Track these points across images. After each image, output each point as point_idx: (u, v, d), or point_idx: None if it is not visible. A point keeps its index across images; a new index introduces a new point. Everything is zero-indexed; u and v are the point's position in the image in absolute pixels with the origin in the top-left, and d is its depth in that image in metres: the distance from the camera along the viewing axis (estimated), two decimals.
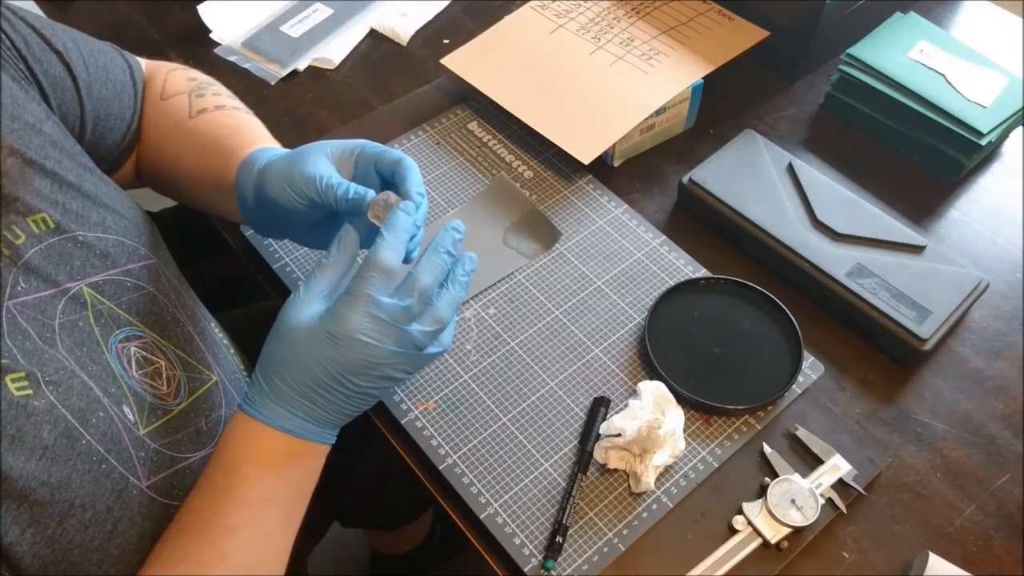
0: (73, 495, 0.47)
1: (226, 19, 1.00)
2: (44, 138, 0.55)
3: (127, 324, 0.57)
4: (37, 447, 0.46)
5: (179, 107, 0.68)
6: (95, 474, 0.49)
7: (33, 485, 0.45)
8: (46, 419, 0.47)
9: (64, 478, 0.47)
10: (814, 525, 0.61)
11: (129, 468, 0.52)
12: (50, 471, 0.46)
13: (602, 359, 0.72)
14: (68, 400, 0.49)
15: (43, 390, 0.48)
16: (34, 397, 0.47)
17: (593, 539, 0.62)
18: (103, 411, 0.51)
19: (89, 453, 0.49)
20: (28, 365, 0.48)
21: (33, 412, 0.47)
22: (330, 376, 0.51)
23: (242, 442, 0.52)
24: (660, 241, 0.79)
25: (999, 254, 0.79)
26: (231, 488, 0.51)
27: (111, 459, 0.50)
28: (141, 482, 0.52)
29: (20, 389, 0.47)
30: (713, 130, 0.90)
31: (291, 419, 0.52)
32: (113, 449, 0.51)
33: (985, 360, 0.72)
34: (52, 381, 0.49)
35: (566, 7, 0.95)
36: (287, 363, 0.51)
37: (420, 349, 0.53)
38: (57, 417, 0.48)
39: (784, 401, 0.69)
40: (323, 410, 0.52)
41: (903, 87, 0.83)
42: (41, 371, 0.48)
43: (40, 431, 0.47)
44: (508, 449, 0.66)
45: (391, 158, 0.59)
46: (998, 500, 0.64)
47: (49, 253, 0.52)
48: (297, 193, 0.57)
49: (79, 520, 0.47)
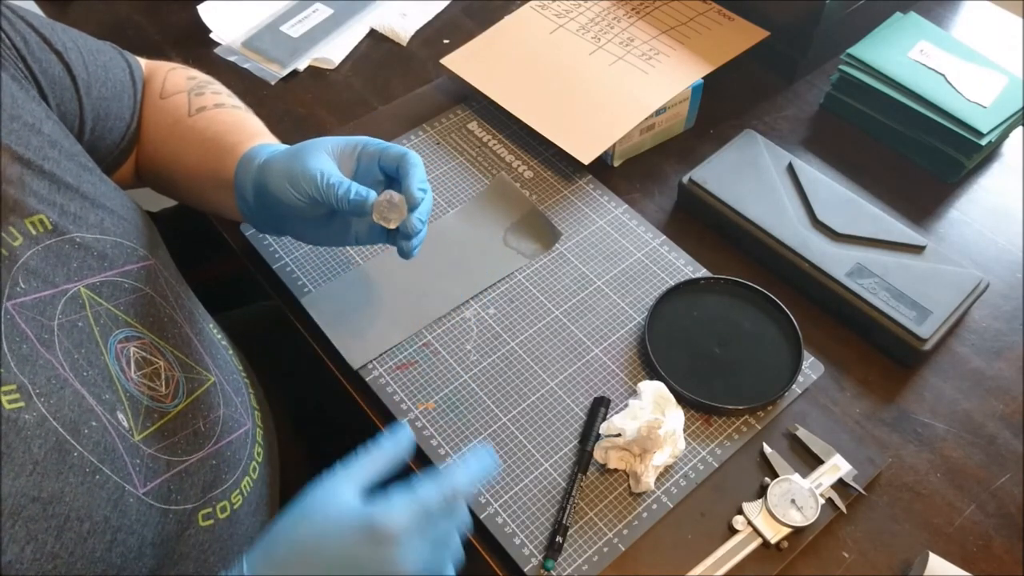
0: (68, 508, 0.46)
1: (226, 19, 1.00)
2: (43, 138, 0.55)
3: (125, 325, 0.56)
4: (27, 463, 0.45)
5: (178, 106, 0.68)
6: (89, 485, 0.48)
7: (23, 502, 0.44)
8: (37, 433, 0.46)
9: (56, 492, 0.46)
10: (814, 525, 0.61)
11: (124, 476, 0.51)
12: (41, 486, 0.45)
13: (602, 359, 0.72)
14: (59, 412, 0.48)
15: (34, 402, 0.47)
16: (25, 410, 0.46)
17: (593, 539, 0.62)
18: (95, 420, 0.50)
19: (81, 465, 0.48)
20: (20, 375, 0.47)
21: (24, 427, 0.46)
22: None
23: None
24: (660, 241, 0.79)
25: (999, 254, 0.79)
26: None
27: (105, 469, 0.49)
28: (137, 489, 0.52)
29: (12, 402, 0.46)
30: (713, 130, 0.90)
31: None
32: (107, 459, 0.50)
33: (985, 360, 0.72)
34: (43, 393, 0.48)
35: (566, 7, 0.95)
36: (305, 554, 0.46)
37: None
38: (48, 431, 0.47)
39: (784, 401, 0.69)
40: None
41: (903, 87, 0.83)
42: (32, 382, 0.48)
43: (30, 446, 0.46)
44: (508, 449, 0.66)
45: (395, 153, 0.59)
46: (998, 500, 0.64)
47: (47, 255, 0.52)
48: (297, 190, 0.57)
49: (77, 533, 0.47)
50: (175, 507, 0.54)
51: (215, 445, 0.60)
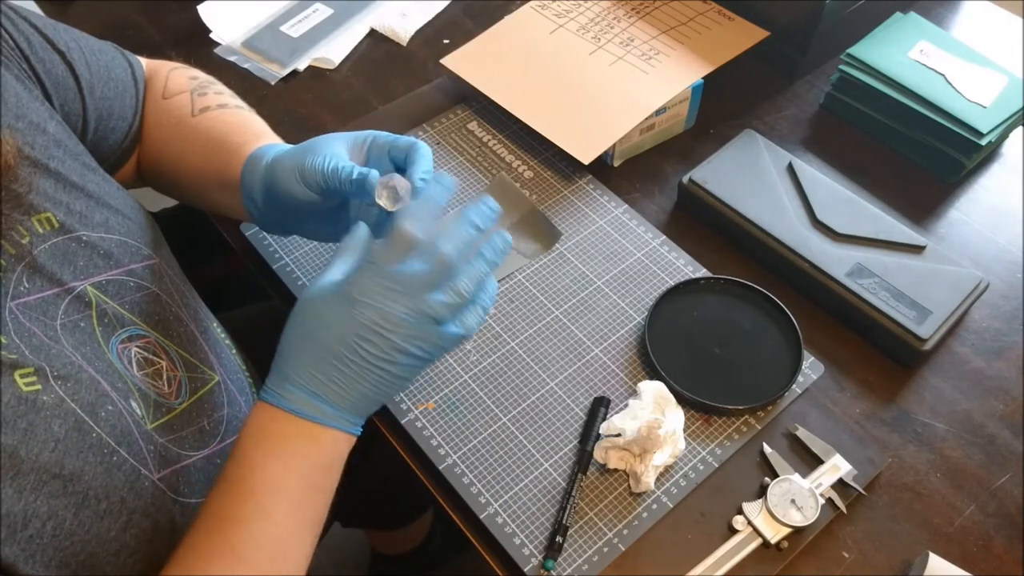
0: (86, 486, 0.47)
1: (226, 19, 1.00)
2: (48, 138, 0.55)
3: (130, 324, 0.57)
4: (49, 440, 0.46)
5: (181, 106, 0.68)
6: (107, 466, 0.49)
7: (46, 478, 0.46)
8: (56, 413, 0.47)
9: (77, 470, 0.47)
10: (814, 525, 0.61)
11: (140, 460, 0.52)
12: (63, 463, 0.47)
13: (602, 359, 0.72)
14: (77, 394, 0.49)
15: (52, 384, 0.48)
16: (43, 392, 0.47)
17: (593, 539, 0.62)
18: (111, 404, 0.51)
19: (100, 445, 0.49)
20: (36, 360, 0.48)
21: (43, 407, 0.47)
22: (342, 342, 0.49)
23: (253, 429, 0.51)
24: (660, 241, 0.79)
25: (999, 254, 0.79)
26: (240, 478, 0.50)
27: (122, 451, 0.51)
28: (152, 474, 0.53)
29: (29, 384, 0.47)
30: (713, 130, 0.90)
31: (304, 400, 0.50)
32: (124, 441, 0.51)
33: (985, 360, 0.72)
34: (60, 376, 0.49)
35: (566, 7, 0.95)
36: (302, 335, 0.50)
37: (438, 323, 0.51)
38: (67, 411, 0.48)
39: (784, 401, 0.69)
40: (338, 387, 0.50)
41: (903, 87, 0.83)
42: (49, 365, 0.49)
43: (51, 425, 0.47)
44: (508, 449, 0.66)
45: (404, 143, 0.58)
46: (998, 500, 0.64)
47: (53, 252, 0.52)
48: (308, 182, 0.57)
49: (94, 511, 0.48)
50: (182, 499, 0.55)
51: (219, 444, 0.61)
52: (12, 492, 0.44)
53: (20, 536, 0.44)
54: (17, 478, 0.44)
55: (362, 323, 0.49)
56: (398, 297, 0.49)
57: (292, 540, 0.50)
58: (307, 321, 0.51)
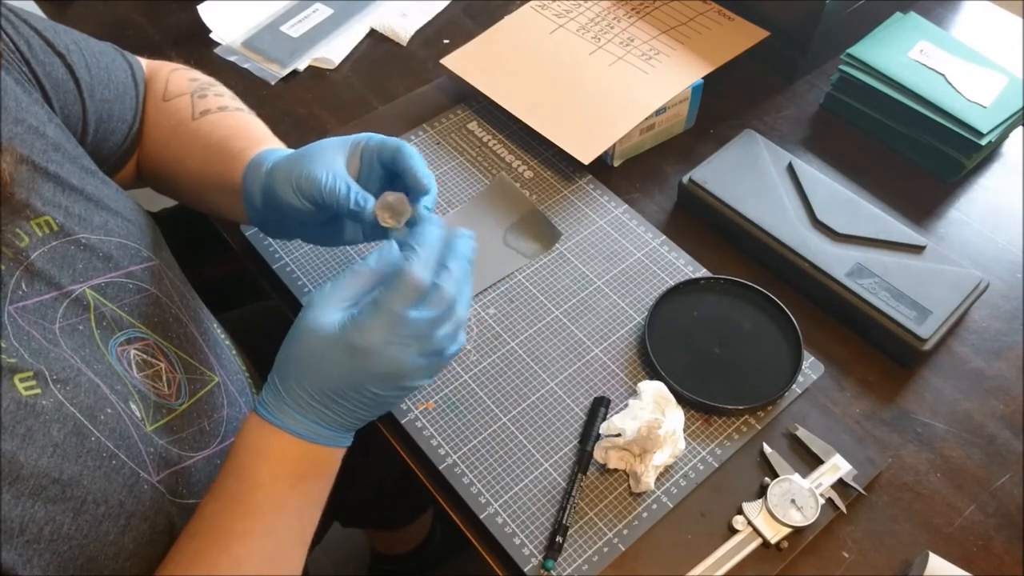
0: (85, 491, 0.48)
1: (226, 19, 1.00)
2: (47, 141, 0.55)
3: (129, 326, 0.57)
4: (48, 445, 0.46)
5: (182, 108, 0.68)
6: (106, 470, 0.49)
7: (44, 483, 0.46)
8: (55, 418, 0.47)
9: (75, 475, 0.47)
10: (814, 525, 0.61)
11: (139, 463, 0.52)
12: (61, 468, 0.47)
13: (602, 359, 0.72)
14: (76, 398, 0.49)
15: (51, 388, 0.48)
16: (42, 396, 0.47)
17: (593, 539, 0.62)
18: (111, 408, 0.51)
19: (99, 449, 0.49)
20: (36, 363, 0.48)
21: (42, 411, 0.47)
22: (349, 385, 0.50)
23: (255, 447, 0.51)
24: (660, 241, 0.79)
25: (999, 254, 0.79)
26: (244, 492, 0.51)
27: (121, 455, 0.51)
28: (152, 477, 0.53)
29: (28, 388, 0.47)
30: (713, 130, 0.90)
31: (305, 424, 0.51)
32: (123, 445, 0.51)
33: (985, 360, 0.72)
34: (60, 379, 0.49)
35: (566, 7, 0.95)
36: (304, 369, 0.50)
37: (441, 354, 0.52)
38: (66, 415, 0.48)
39: (784, 401, 0.69)
40: (338, 415, 0.51)
41: (903, 87, 0.83)
42: (48, 369, 0.49)
43: (50, 429, 0.47)
44: (508, 449, 0.66)
45: (391, 147, 0.59)
46: (998, 500, 0.64)
47: (52, 256, 0.52)
48: (303, 196, 0.57)
49: (92, 515, 0.48)
50: (181, 500, 0.55)
51: (220, 445, 0.61)
52: (10, 498, 0.44)
53: (17, 541, 0.44)
54: (16, 484, 0.44)
55: (374, 373, 0.50)
56: (411, 342, 0.50)
57: (293, 552, 0.53)
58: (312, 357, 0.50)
